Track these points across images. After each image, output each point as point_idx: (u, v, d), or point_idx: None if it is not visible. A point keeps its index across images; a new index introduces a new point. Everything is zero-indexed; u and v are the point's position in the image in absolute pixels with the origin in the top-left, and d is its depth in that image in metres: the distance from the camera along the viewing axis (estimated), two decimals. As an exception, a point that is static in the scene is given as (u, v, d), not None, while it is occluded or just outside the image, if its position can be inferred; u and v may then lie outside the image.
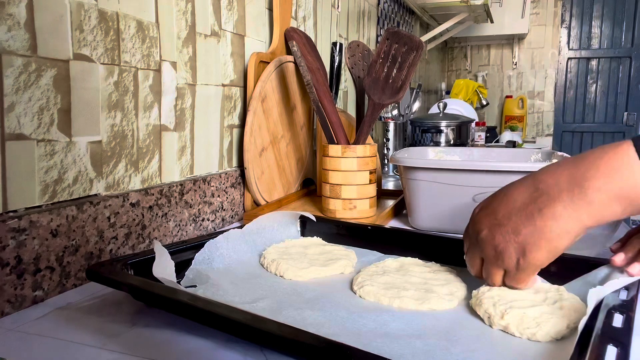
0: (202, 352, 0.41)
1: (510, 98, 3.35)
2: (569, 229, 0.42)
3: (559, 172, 0.44)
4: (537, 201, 0.43)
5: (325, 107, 0.87)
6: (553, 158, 0.88)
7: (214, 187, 0.81)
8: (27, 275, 0.50)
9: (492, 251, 0.46)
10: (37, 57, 0.51)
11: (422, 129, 1.80)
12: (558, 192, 0.42)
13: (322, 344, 0.34)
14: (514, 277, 0.46)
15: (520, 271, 0.45)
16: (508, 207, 0.45)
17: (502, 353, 0.39)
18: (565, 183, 0.42)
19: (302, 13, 1.16)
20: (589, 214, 0.41)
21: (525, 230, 0.43)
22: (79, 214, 0.55)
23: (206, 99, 0.81)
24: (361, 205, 0.85)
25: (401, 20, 2.12)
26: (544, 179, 0.44)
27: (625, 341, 0.35)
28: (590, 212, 0.41)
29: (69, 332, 0.44)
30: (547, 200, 0.43)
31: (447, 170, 0.77)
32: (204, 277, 0.54)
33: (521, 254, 0.44)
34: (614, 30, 3.20)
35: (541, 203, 0.43)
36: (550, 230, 0.42)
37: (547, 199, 0.43)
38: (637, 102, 3.19)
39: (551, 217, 0.42)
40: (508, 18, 2.95)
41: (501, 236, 0.45)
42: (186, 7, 0.74)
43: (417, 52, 0.84)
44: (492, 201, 0.48)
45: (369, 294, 0.50)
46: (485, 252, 0.47)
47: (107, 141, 0.61)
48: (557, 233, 0.42)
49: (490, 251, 0.46)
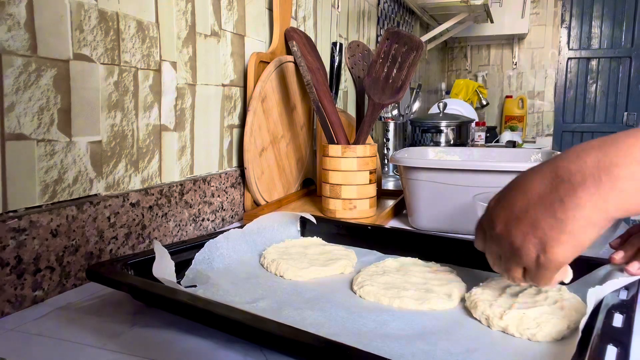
0: (202, 352, 0.41)
1: (510, 98, 3.36)
2: (595, 221, 0.37)
3: (583, 157, 0.38)
4: (558, 190, 0.38)
5: (325, 107, 0.87)
6: (553, 158, 0.88)
7: (214, 187, 0.81)
8: (27, 275, 0.50)
9: (509, 247, 0.41)
10: (37, 57, 0.51)
11: (422, 129, 1.80)
12: (582, 179, 0.37)
13: (321, 344, 0.34)
14: (534, 275, 0.41)
15: (541, 269, 0.40)
16: (525, 198, 0.40)
17: (502, 353, 0.39)
18: (591, 169, 0.37)
19: (302, 13, 1.16)
20: (617, 204, 0.36)
21: (544, 223, 0.39)
22: (79, 214, 0.55)
23: (206, 99, 0.81)
24: (361, 205, 0.85)
25: (401, 20, 2.12)
26: (564, 165, 0.39)
27: (625, 341, 0.35)
28: (619, 202, 0.36)
29: (69, 332, 0.44)
30: (569, 188, 0.38)
31: (447, 170, 0.77)
32: (204, 277, 0.54)
33: (541, 250, 0.39)
34: (614, 30, 3.20)
35: (562, 192, 0.38)
36: (573, 222, 0.37)
37: (570, 187, 0.38)
38: (637, 102, 3.19)
39: (574, 207, 0.37)
40: (508, 18, 2.95)
41: (518, 231, 0.40)
42: (186, 7, 0.74)
43: (417, 52, 0.84)
44: (508, 192, 0.43)
45: (369, 294, 0.50)
46: (502, 249, 0.43)
47: (107, 141, 0.61)
48: (581, 225, 0.37)
49: (507, 247, 0.42)
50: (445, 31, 2.58)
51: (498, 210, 0.43)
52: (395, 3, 2.02)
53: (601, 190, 0.37)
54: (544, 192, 0.39)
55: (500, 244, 0.42)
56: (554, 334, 0.41)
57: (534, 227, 0.39)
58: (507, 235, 0.41)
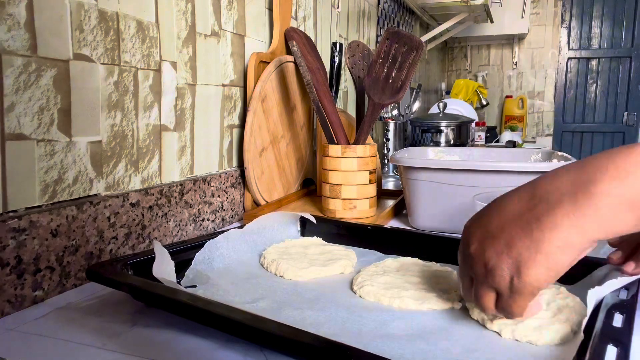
0: (202, 352, 0.41)
1: (510, 98, 3.36)
2: (572, 242, 0.35)
3: (561, 177, 0.38)
4: (535, 209, 0.37)
5: (325, 107, 0.87)
6: (553, 158, 0.88)
7: (214, 187, 0.81)
8: (27, 275, 0.50)
9: (482, 268, 0.39)
10: (37, 57, 0.51)
11: (422, 129, 1.80)
12: (559, 198, 0.36)
13: (322, 344, 0.34)
14: (507, 300, 0.39)
15: (514, 293, 0.38)
16: (502, 217, 0.39)
17: (502, 353, 0.39)
18: (568, 187, 0.36)
19: (302, 13, 1.16)
20: (595, 223, 0.35)
21: (520, 242, 0.37)
22: (79, 214, 0.55)
23: (206, 99, 0.81)
24: (361, 205, 0.85)
25: (401, 20, 2.12)
26: (542, 185, 0.38)
27: (625, 341, 0.35)
28: (597, 221, 0.35)
29: (69, 332, 0.44)
30: (546, 207, 0.37)
31: (447, 170, 0.77)
32: (204, 277, 0.54)
33: (515, 271, 0.37)
34: (614, 30, 3.20)
35: (539, 211, 0.37)
36: (550, 242, 0.36)
37: (547, 206, 0.37)
38: (637, 102, 3.19)
39: (551, 227, 0.36)
40: (508, 18, 2.95)
41: (493, 250, 0.38)
42: (186, 7, 0.74)
43: (417, 52, 0.84)
44: (485, 212, 0.41)
45: (369, 294, 0.50)
46: (475, 270, 0.40)
47: (107, 141, 0.61)
48: (557, 246, 0.36)
49: (480, 268, 0.39)
50: (445, 31, 2.58)
51: (474, 228, 0.41)
52: (395, 3, 2.02)
53: (578, 208, 0.35)
54: (521, 211, 0.38)
55: (474, 264, 0.40)
56: (556, 340, 0.40)
57: (509, 247, 0.37)
58: (481, 255, 0.39)
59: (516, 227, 0.38)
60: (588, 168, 0.37)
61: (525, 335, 0.41)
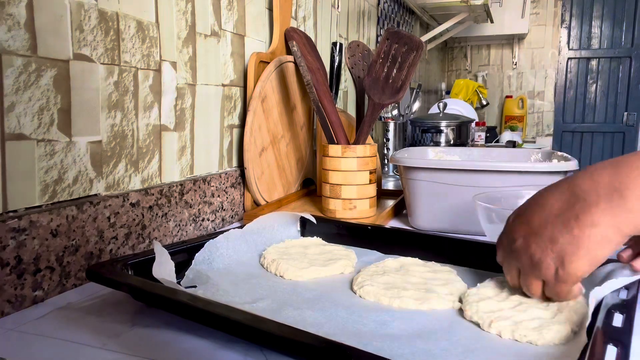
0: (202, 352, 0.41)
1: (510, 98, 3.36)
2: (609, 237, 0.40)
3: (597, 177, 0.41)
4: (574, 207, 0.41)
5: (325, 107, 0.87)
6: (553, 158, 0.88)
7: (214, 187, 0.81)
8: (27, 275, 0.50)
9: (529, 261, 0.43)
10: (37, 57, 0.51)
11: (422, 129, 1.80)
12: (596, 198, 0.40)
13: (321, 344, 0.34)
14: (553, 288, 0.43)
15: (560, 282, 0.42)
16: (543, 215, 0.43)
17: (502, 353, 0.39)
18: (604, 189, 0.40)
19: (302, 13, 1.16)
20: (628, 222, 0.39)
21: (562, 238, 0.41)
22: (79, 214, 0.55)
23: (206, 99, 0.81)
24: (361, 205, 0.85)
25: (401, 20, 2.12)
26: (580, 184, 0.42)
27: (625, 341, 0.35)
28: (629, 220, 0.39)
29: (69, 332, 0.44)
30: (584, 206, 0.41)
31: (447, 170, 0.77)
32: (204, 278, 0.54)
33: (560, 264, 0.41)
34: (614, 30, 3.20)
35: (578, 209, 0.41)
36: (589, 238, 0.40)
37: (585, 205, 0.41)
38: (637, 102, 3.19)
39: (589, 224, 0.40)
40: (508, 18, 2.95)
41: (537, 245, 0.43)
42: (186, 7, 0.74)
43: (417, 52, 0.84)
44: (527, 209, 0.46)
45: (369, 294, 0.50)
46: (522, 262, 0.44)
47: (107, 141, 0.61)
48: (597, 241, 0.40)
49: (526, 261, 0.44)
50: (445, 31, 2.58)
51: (517, 225, 0.45)
52: (395, 3, 2.02)
53: (614, 209, 0.40)
54: (561, 208, 0.42)
55: (520, 258, 0.44)
56: (556, 340, 0.40)
57: (552, 242, 0.42)
58: (527, 250, 0.43)
59: (558, 224, 0.42)
60: (623, 169, 0.40)
61: (525, 335, 0.41)
